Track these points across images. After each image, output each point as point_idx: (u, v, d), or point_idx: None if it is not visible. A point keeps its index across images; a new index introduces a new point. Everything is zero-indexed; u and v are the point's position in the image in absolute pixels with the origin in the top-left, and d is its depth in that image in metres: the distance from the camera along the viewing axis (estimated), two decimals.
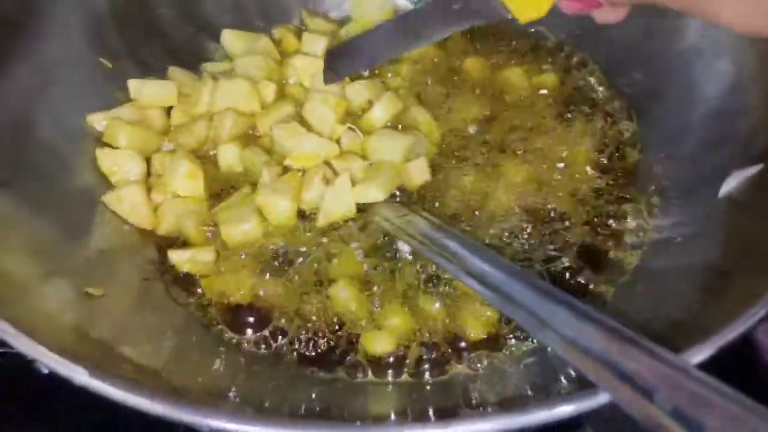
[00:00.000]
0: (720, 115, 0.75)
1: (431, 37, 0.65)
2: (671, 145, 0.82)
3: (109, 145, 0.79)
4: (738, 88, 0.76)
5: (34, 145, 0.72)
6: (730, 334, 0.49)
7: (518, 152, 0.84)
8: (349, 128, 0.80)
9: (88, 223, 0.73)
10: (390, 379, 0.67)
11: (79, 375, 0.47)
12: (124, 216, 0.76)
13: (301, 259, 0.74)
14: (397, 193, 0.80)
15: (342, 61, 0.68)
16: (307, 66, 0.88)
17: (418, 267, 0.74)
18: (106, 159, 0.78)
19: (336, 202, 0.76)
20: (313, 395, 0.62)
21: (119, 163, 0.78)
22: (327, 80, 0.69)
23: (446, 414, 0.54)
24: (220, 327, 0.70)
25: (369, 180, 0.78)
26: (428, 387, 0.66)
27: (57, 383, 0.48)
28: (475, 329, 0.70)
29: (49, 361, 0.48)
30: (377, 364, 0.68)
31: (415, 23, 0.60)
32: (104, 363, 0.53)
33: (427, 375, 0.67)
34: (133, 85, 0.83)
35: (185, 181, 0.78)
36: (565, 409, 0.47)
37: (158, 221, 0.77)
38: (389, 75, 0.91)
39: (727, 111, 0.77)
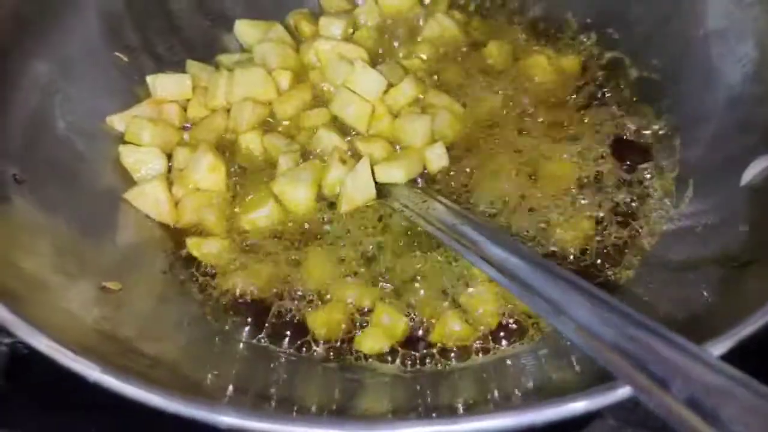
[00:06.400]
0: (742, 101, 0.72)
1: None
2: (691, 132, 0.79)
3: (132, 143, 0.80)
4: (761, 73, 0.73)
5: (52, 142, 0.74)
6: (749, 327, 0.47)
7: (538, 135, 0.82)
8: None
9: (110, 221, 0.74)
10: (397, 372, 0.66)
11: (92, 371, 0.47)
12: (146, 211, 0.77)
13: (320, 251, 0.74)
14: (419, 180, 0.79)
15: None
16: (327, 49, 0.88)
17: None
18: (129, 156, 0.79)
19: (357, 186, 0.76)
20: (331, 389, 0.62)
21: (142, 160, 0.79)
22: None
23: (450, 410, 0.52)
24: (235, 320, 0.70)
25: (391, 160, 0.78)
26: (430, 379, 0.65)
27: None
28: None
29: (61, 357, 0.48)
30: (384, 358, 0.67)
31: None
32: (121, 358, 0.53)
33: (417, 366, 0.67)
34: (149, 80, 0.84)
35: (208, 174, 0.78)
36: (578, 405, 0.45)
37: (179, 215, 0.78)
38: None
39: (750, 97, 0.73)
